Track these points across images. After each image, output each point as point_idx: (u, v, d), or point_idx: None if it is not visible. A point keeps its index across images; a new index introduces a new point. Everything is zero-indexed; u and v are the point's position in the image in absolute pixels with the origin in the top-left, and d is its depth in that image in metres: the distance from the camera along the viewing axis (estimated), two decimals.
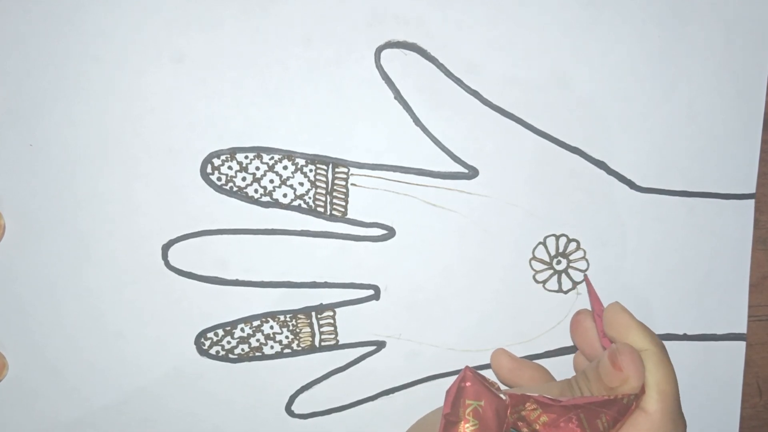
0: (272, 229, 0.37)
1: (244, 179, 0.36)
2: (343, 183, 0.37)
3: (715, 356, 0.40)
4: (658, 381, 0.30)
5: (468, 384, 0.29)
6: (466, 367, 0.30)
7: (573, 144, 0.38)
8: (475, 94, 0.37)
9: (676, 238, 0.39)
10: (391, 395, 0.39)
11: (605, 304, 0.34)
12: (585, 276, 0.39)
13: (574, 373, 0.37)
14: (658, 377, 0.31)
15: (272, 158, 0.36)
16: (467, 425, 0.29)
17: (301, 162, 0.36)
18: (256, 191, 0.37)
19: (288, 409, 0.39)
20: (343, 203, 0.37)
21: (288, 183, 0.37)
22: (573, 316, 0.37)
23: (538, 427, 0.29)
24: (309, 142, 0.36)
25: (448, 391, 0.30)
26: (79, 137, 0.35)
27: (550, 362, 0.39)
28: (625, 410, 0.30)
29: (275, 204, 0.37)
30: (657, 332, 0.40)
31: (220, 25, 0.35)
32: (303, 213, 0.37)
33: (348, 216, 0.37)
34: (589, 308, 0.38)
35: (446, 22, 0.36)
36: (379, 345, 0.39)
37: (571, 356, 0.39)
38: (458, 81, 0.36)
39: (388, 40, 0.36)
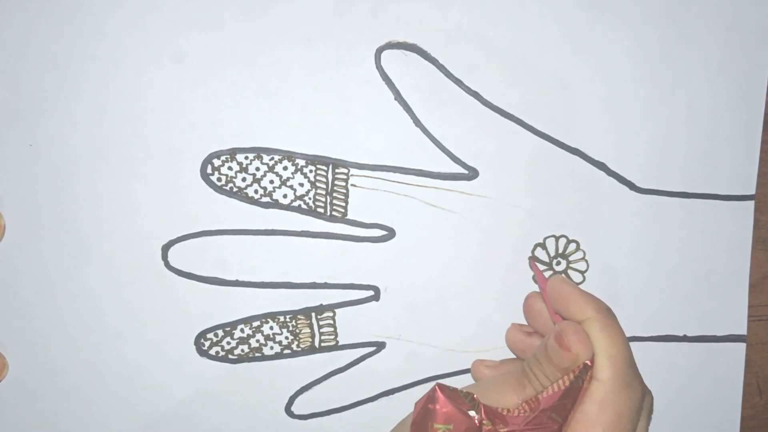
0: (272, 230, 0.37)
1: (244, 180, 0.36)
2: (343, 184, 0.37)
3: (716, 357, 0.40)
4: (605, 347, 0.30)
5: (437, 407, 0.28)
6: (436, 384, 0.29)
7: (573, 145, 0.38)
8: (475, 94, 0.37)
9: (676, 239, 0.39)
10: (391, 396, 0.39)
11: (600, 303, 0.34)
12: (530, 259, 0.39)
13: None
14: (605, 344, 0.30)
15: (272, 159, 0.36)
16: None
17: (301, 162, 0.36)
18: (256, 192, 0.37)
19: (288, 410, 0.39)
20: (343, 204, 0.37)
21: (288, 183, 0.37)
22: (524, 300, 0.37)
23: None
24: (309, 142, 0.36)
25: (416, 404, 0.29)
26: (79, 137, 0.35)
27: None
28: (581, 386, 0.30)
29: (275, 204, 0.37)
30: (657, 333, 0.40)
31: (221, 26, 0.35)
32: (303, 213, 0.37)
33: (348, 217, 0.37)
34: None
35: (446, 23, 0.36)
36: (379, 346, 0.39)
37: None
38: (458, 82, 0.36)
39: (389, 41, 0.36)
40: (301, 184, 0.37)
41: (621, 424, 0.30)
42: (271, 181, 0.36)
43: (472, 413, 0.28)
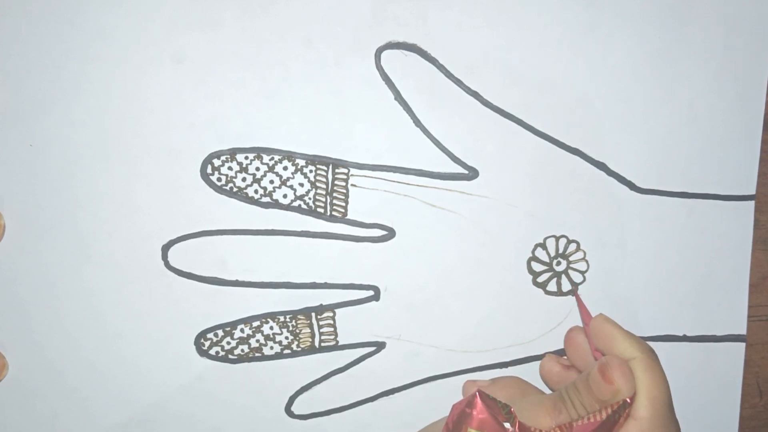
0: (272, 230, 0.37)
1: (244, 180, 0.36)
2: (344, 184, 0.37)
3: (715, 357, 0.40)
4: (647, 387, 0.31)
5: (474, 412, 0.29)
6: (478, 390, 0.30)
7: (573, 145, 0.38)
8: (475, 95, 0.37)
9: (676, 239, 0.39)
10: (390, 396, 0.39)
11: (601, 309, 0.34)
12: (574, 289, 0.39)
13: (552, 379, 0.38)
14: (647, 383, 0.31)
15: (272, 159, 0.36)
16: None
17: (301, 163, 0.36)
18: (256, 192, 0.37)
19: (288, 410, 0.39)
20: (343, 204, 0.37)
21: (288, 184, 0.37)
22: (566, 333, 0.38)
23: None
24: (309, 142, 0.36)
25: (454, 406, 0.30)
26: (79, 137, 0.35)
27: None
28: (616, 420, 0.30)
29: (275, 204, 0.37)
30: (657, 333, 0.40)
31: (221, 26, 0.35)
32: (303, 213, 0.37)
33: (348, 217, 0.37)
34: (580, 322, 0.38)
35: (446, 23, 0.36)
36: (379, 346, 0.39)
37: None
38: (458, 82, 0.36)
39: (389, 41, 0.36)
40: (301, 184, 0.37)
41: None
42: (271, 181, 0.36)
43: (507, 425, 0.29)
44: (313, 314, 0.38)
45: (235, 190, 0.36)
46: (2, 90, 0.34)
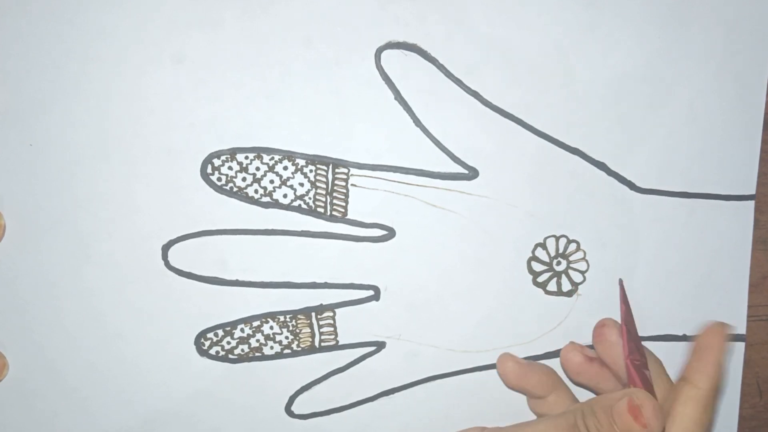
0: (272, 230, 0.37)
1: (244, 180, 0.36)
2: (344, 183, 0.37)
3: None
4: (691, 421, 0.30)
5: None
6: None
7: (573, 145, 0.38)
8: (475, 94, 0.37)
9: (676, 238, 0.39)
10: (390, 396, 0.39)
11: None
12: (620, 282, 0.38)
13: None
14: (694, 418, 0.30)
15: (272, 159, 0.36)
16: None
17: (302, 162, 0.36)
18: (256, 191, 0.37)
19: (288, 410, 0.39)
20: (344, 204, 0.37)
21: (288, 183, 0.37)
22: (597, 327, 0.36)
23: None
24: (309, 142, 0.36)
25: None
26: (79, 137, 0.35)
27: (551, 363, 0.39)
28: None
29: (275, 204, 0.37)
30: (656, 333, 0.40)
31: (221, 26, 0.35)
32: (303, 213, 0.37)
33: (348, 216, 0.37)
34: (608, 316, 0.38)
35: (446, 23, 0.36)
36: (379, 345, 0.39)
37: None
38: (458, 82, 0.36)
39: (389, 41, 0.36)
40: (301, 184, 0.37)
41: None
42: (271, 181, 0.36)
43: None
44: (313, 314, 0.38)
45: (235, 189, 0.36)
46: (2, 90, 0.34)
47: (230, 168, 0.36)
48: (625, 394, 0.30)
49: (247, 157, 0.36)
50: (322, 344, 0.38)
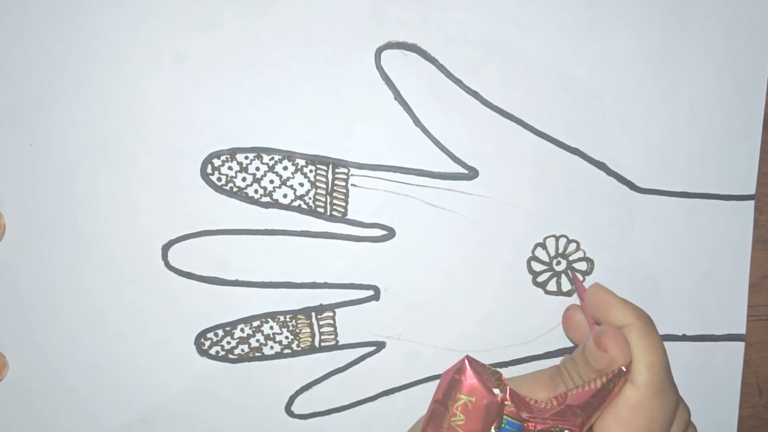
0: (272, 230, 0.37)
1: (244, 180, 0.36)
2: (343, 183, 0.37)
3: (714, 357, 0.41)
4: (643, 353, 0.30)
5: (463, 378, 0.29)
6: (466, 357, 0.30)
7: (573, 145, 0.38)
8: (475, 94, 0.37)
9: (676, 238, 0.39)
10: (390, 395, 0.39)
11: (640, 310, 0.34)
12: (571, 269, 0.39)
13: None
14: (644, 349, 0.31)
15: (272, 159, 0.36)
16: (453, 419, 0.29)
17: (301, 162, 0.36)
18: (256, 192, 0.37)
19: (288, 410, 0.39)
20: (343, 204, 0.37)
21: (288, 183, 0.37)
22: (564, 312, 0.37)
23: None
24: (309, 142, 0.36)
25: (443, 375, 0.30)
26: (79, 137, 0.35)
27: (551, 363, 0.39)
28: (611, 389, 0.30)
29: (275, 204, 0.37)
30: None
31: (221, 26, 0.35)
32: (303, 213, 0.37)
33: (348, 216, 0.37)
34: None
35: (446, 23, 0.36)
36: (379, 345, 0.39)
37: None
38: (458, 82, 0.36)
39: (389, 41, 0.36)
40: (301, 184, 0.37)
41: (652, 428, 0.30)
42: (271, 181, 0.36)
43: (496, 391, 0.29)
44: (313, 314, 0.38)
45: (235, 189, 0.36)
46: (2, 90, 0.34)
47: (230, 168, 0.36)
48: (593, 333, 0.32)
49: (247, 157, 0.36)
50: (322, 344, 0.38)
